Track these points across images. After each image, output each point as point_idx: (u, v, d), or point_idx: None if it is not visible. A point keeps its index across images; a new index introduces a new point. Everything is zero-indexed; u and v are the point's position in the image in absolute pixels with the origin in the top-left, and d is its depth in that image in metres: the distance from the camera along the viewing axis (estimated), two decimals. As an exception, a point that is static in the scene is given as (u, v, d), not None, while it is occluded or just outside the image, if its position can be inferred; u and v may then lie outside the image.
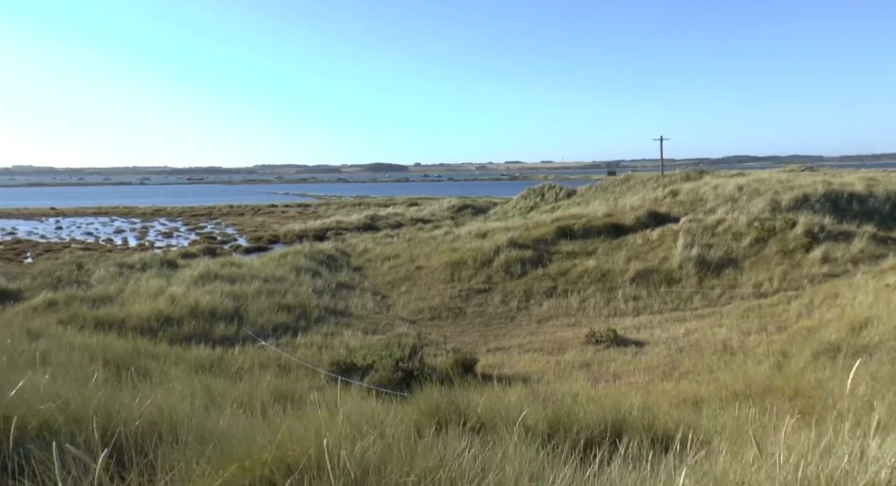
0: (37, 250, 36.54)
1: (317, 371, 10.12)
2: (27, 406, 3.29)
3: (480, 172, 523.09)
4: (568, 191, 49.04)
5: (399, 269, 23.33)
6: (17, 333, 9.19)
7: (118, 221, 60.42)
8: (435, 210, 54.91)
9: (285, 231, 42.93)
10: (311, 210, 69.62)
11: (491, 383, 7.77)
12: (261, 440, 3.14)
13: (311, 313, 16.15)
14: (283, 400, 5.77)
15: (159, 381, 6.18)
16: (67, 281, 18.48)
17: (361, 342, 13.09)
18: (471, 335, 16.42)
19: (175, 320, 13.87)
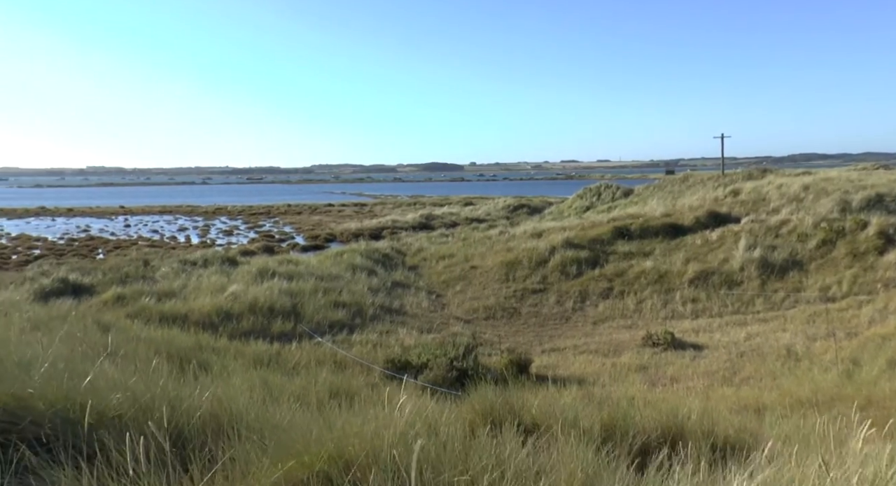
0: (107, 247, 38.15)
1: (372, 369, 10.24)
2: (100, 395, 3.43)
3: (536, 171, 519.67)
4: (625, 190, 48.24)
5: (454, 268, 23.38)
6: (89, 325, 9.61)
7: (181, 219, 62.50)
8: (490, 210, 54.83)
9: (341, 230, 43.57)
10: (367, 209, 70.48)
11: (545, 384, 7.72)
12: (317, 434, 3.19)
13: (366, 311, 16.34)
14: (338, 396, 5.86)
15: (219, 374, 6.34)
16: (135, 277, 19.18)
17: (416, 341, 13.18)
18: (525, 336, 16.33)
19: (235, 316, 14.24)
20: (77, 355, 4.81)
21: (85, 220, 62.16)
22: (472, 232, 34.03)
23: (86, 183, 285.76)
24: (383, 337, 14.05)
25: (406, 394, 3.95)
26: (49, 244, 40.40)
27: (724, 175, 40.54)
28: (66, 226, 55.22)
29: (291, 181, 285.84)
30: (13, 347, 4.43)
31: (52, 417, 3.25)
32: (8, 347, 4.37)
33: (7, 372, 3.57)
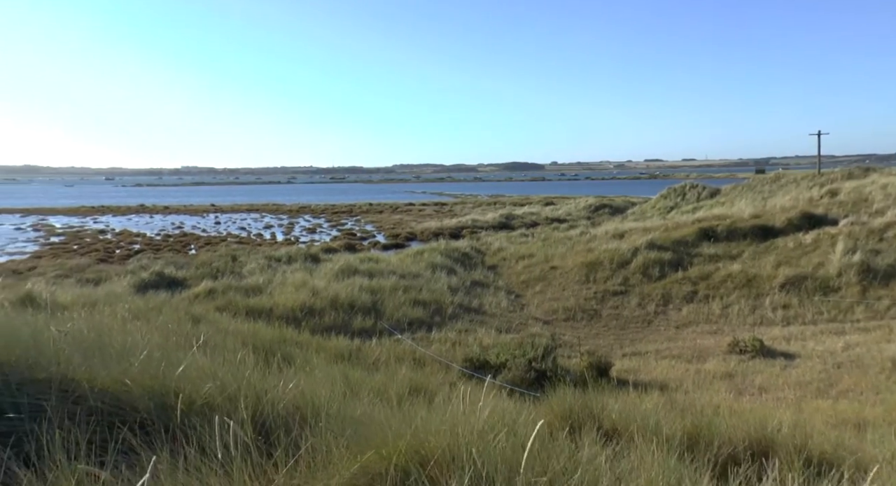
0: (199, 243, 40.02)
1: (450, 367, 10.29)
2: (191, 383, 3.60)
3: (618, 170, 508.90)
4: (711, 190, 46.50)
5: (533, 268, 23.19)
6: (182, 317, 10.12)
7: (267, 217, 64.78)
8: (571, 210, 54.09)
9: (422, 229, 44.02)
10: (448, 209, 70.92)
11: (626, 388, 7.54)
12: (396, 429, 3.23)
13: (445, 310, 16.44)
14: (417, 393, 5.92)
15: (302, 367, 6.53)
16: (223, 272, 20.01)
17: (495, 340, 13.15)
18: (605, 338, 16.01)
19: (317, 312, 14.61)
20: (171, 345, 5.06)
21: (179, 217, 65.49)
22: (552, 232, 33.68)
23: (180, 182, 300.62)
24: (462, 336, 14.10)
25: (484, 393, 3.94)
26: (147, 240, 42.78)
27: (821, 174, 38.41)
28: (163, 223, 58.33)
29: (373, 181, 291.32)
30: (116, 335, 4.71)
31: (149, 402, 3.44)
32: (112, 335, 4.65)
33: (111, 358, 3.81)
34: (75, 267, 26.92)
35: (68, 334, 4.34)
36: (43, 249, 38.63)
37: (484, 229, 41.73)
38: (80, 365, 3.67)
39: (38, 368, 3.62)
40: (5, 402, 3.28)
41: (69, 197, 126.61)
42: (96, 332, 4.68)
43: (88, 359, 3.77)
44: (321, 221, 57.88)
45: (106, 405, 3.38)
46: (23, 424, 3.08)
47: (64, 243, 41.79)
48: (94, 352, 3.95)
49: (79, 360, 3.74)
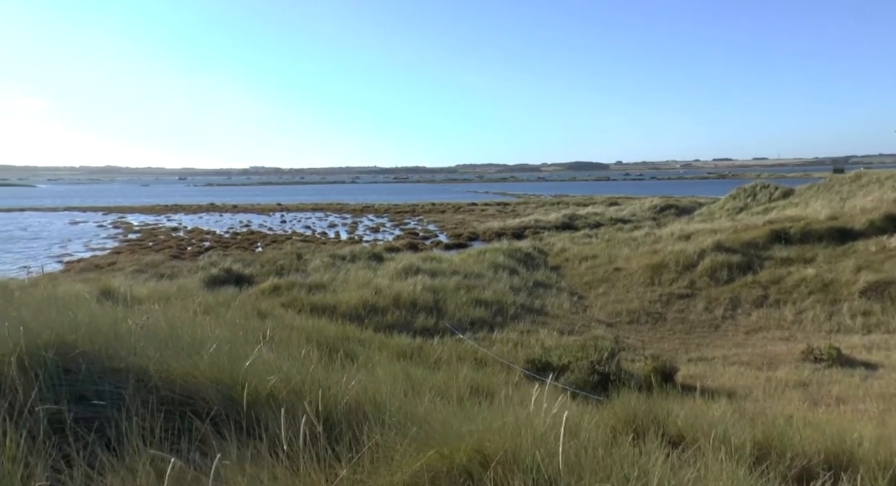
0: (265, 241, 41.11)
1: (512, 368, 10.23)
2: (257, 377, 3.69)
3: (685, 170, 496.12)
4: (784, 190, 44.68)
5: (597, 269, 22.84)
6: (249, 312, 10.41)
7: (332, 216, 65.99)
8: (635, 210, 53.03)
9: (484, 229, 43.97)
10: (510, 209, 70.62)
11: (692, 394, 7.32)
12: (457, 429, 3.24)
13: (507, 310, 16.37)
14: (478, 393, 5.91)
15: (364, 364, 6.61)
16: (289, 269, 20.47)
17: (557, 342, 13.01)
18: (671, 342, 15.62)
19: (380, 310, 14.77)
20: (239, 339, 5.20)
21: (247, 216, 67.46)
22: (616, 233, 33.10)
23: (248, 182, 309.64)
24: (524, 337, 14.00)
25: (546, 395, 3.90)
26: (217, 237, 44.23)
27: (908, 174, 36.38)
28: (231, 221, 60.19)
29: (436, 180, 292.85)
30: (187, 328, 4.87)
31: (217, 393, 3.54)
32: (183, 328, 4.82)
33: (182, 351, 3.94)
34: (150, 263, 28.09)
35: (144, 326, 4.52)
36: (121, 245, 40.49)
37: (547, 230, 41.36)
38: (155, 356, 3.81)
39: (116, 358, 3.79)
40: (89, 389, 3.45)
41: (145, 196, 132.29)
42: (169, 325, 4.85)
43: (162, 351, 3.91)
44: (384, 221, 58.55)
45: (178, 394, 3.50)
46: (104, 410, 3.23)
47: (140, 239, 43.68)
48: (167, 344, 4.10)
49: (153, 351, 3.89)
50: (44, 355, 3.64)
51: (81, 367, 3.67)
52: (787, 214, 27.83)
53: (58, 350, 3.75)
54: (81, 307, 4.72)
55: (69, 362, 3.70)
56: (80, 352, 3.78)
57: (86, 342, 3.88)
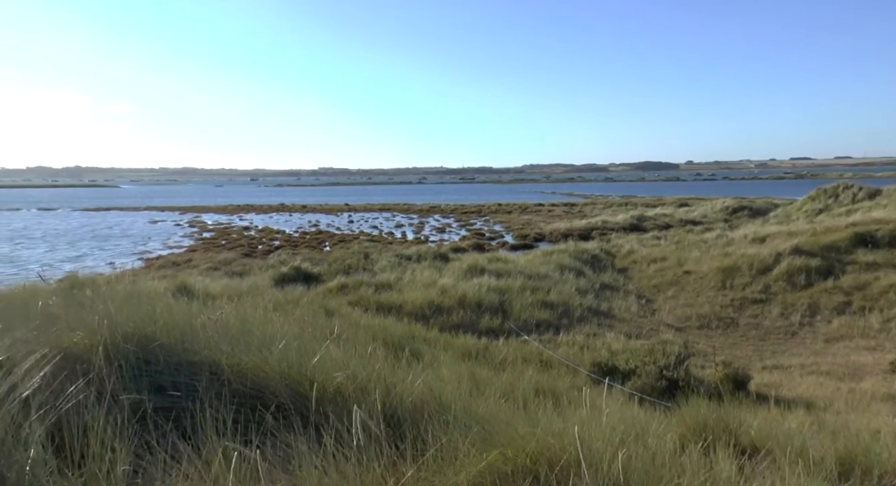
0: (333, 240, 41.92)
1: (577, 371, 10.10)
2: (325, 373, 3.76)
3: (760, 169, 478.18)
4: (869, 191, 42.38)
5: (665, 272, 22.28)
6: (317, 310, 10.62)
7: (398, 216, 66.69)
8: (706, 211, 51.44)
9: (550, 230, 43.57)
10: (577, 209, 69.72)
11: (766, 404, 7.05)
12: (522, 431, 3.21)
13: (573, 312, 16.17)
14: (543, 395, 5.85)
15: (430, 364, 6.65)
16: (356, 268, 20.78)
17: (624, 345, 12.76)
18: (743, 349, 15.07)
19: (445, 310, 14.82)
20: (307, 336, 5.31)
21: (316, 216, 68.97)
22: (686, 235, 32.21)
23: (317, 183, 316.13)
24: (590, 340, 13.79)
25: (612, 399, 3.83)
26: (286, 236, 45.38)
27: None
28: (300, 221, 61.65)
29: (503, 181, 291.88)
30: (258, 325, 5.02)
31: (286, 388, 3.63)
32: (254, 324, 4.96)
33: (253, 346, 4.06)
34: (223, 261, 29.09)
35: (217, 321, 4.68)
36: (196, 243, 42.08)
37: (614, 231, 40.64)
38: (227, 351, 3.94)
39: (192, 351, 3.94)
40: (166, 380, 3.60)
41: (219, 196, 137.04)
42: (241, 321, 5.00)
43: (234, 346, 4.04)
44: (450, 221, 58.79)
45: (249, 388, 3.61)
46: (180, 401, 3.37)
47: (214, 238, 45.28)
48: (239, 339, 4.23)
49: (225, 346, 4.03)
50: (126, 346, 3.83)
51: (159, 359, 3.84)
52: (874, 216, 26.40)
53: (138, 342, 3.93)
54: (160, 302, 4.93)
55: (148, 353, 3.87)
56: (158, 344, 3.95)
57: (163, 335, 4.05)
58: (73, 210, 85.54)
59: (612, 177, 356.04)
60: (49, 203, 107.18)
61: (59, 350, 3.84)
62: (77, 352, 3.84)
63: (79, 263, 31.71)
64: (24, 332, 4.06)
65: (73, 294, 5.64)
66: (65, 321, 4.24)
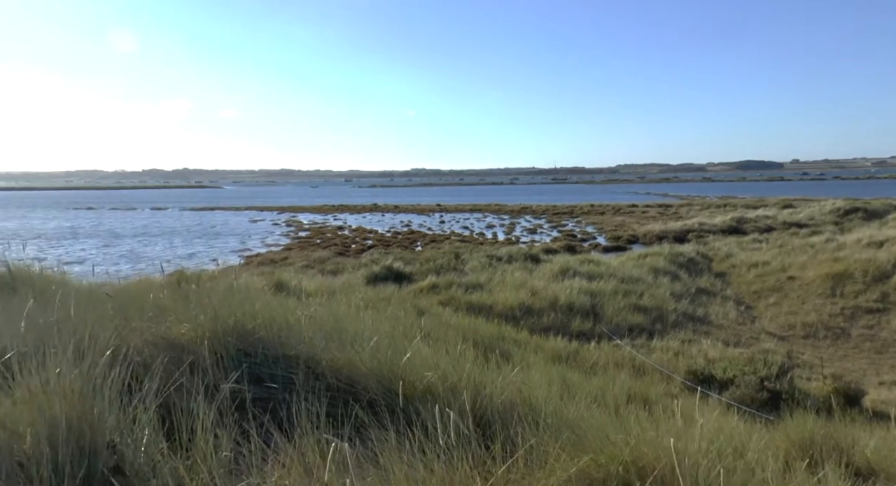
0: (424, 240, 42.43)
1: (672, 378, 9.76)
2: (415, 371, 3.80)
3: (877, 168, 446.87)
4: None
5: (767, 278, 21.20)
6: (408, 309, 10.78)
7: (489, 217, 66.69)
8: (814, 213, 48.52)
9: (644, 232, 42.41)
10: (672, 211, 67.47)
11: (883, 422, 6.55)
12: (613, 437, 3.13)
13: (667, 317, 15.66)
14: (635, 401, 5.70)
15: (519, 365, 6.59)
16: (447, 268, 20.95)
17: (721, 353, 12.23)
18: (856, 362, 14.11)
19: (535, 311, 14.70)
20: (398, 334, 5.39)
21: (408, 216, 70.02)
22: (790, 238, 30.54)
23: (409, 183, 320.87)
24: (685, 346, 13.31)
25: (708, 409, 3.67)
26: (379, 236, 46.32)
27: None
28: (393, 221, 62.76)
29: (595, 181, 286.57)
30: (350, 322, 5.14)
31: (377, 384, 3.69)
32: (347, 321, 5.08)
33: (346, 342, 4.16)
34: (318, 259, 30.02)
35: (312, 318, 4.83)
36: (293, 242, 43.65)
37: (711, 233, 39.04)
38: (321, 346, 4.06)
39: (288, 345, 4.08)
40: (264, 373, 3.75)
41: (314, 197, 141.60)
42: (334, 318, 5.14)
43: (327, 341, 4.15)
44: (542, 222, 58.27)
45: (342, 383, 3.70)
46: (277, 393, 3.50)
47: (309, 237, 46.82)
48: (332, 335, 4.34)
49: (320, 341, 4.15)
50: (228, 339, 4.01)
51: (257, 351, 4.00)
52: None
53: (238, 335, 4.11)
54: (258, 298, 5.13)
55: (247, 346, 4.04)
56: (257, 338, 4.12)
57: (261, 329, 4.21)
58: (181, 210, 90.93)
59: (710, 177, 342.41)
60: (160, 203, 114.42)
61: (168, 340, 4.08)
62: (183, 342, 4.07)
63: (193, 259, 33.61)
64: (138, 322, 4.34)
65: (181, 289, 5.96)
66: (173, 314, 4.50)
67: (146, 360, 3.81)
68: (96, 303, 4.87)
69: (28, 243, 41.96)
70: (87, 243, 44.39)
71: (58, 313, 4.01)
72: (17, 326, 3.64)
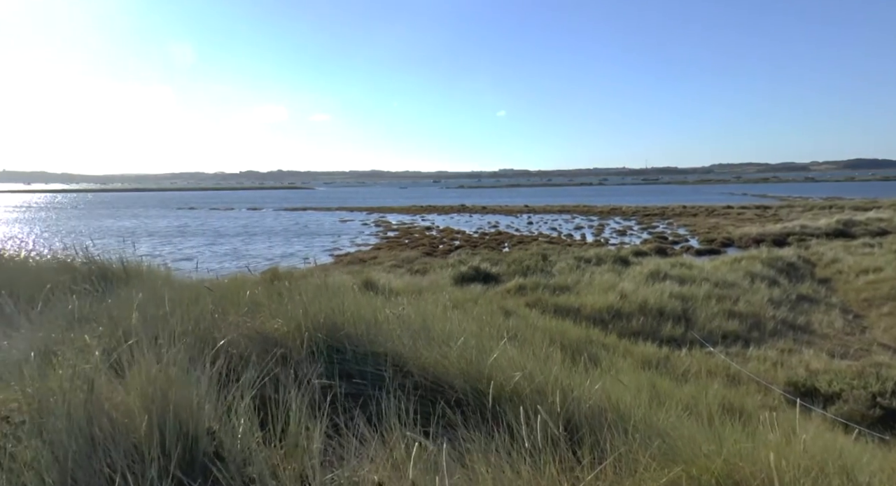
0: (512, 241, 42.26)
1: (770, 389, 9.29)
2: (501, 372, 3.79)
3: None
4: None
5: (879, 285, 19.81)
6: (494, 310, 10.78)
7: (578, 218, 65.70)
8: (936, 216, 45.01)
9: (740, 234, 40.61)
10: (771, 213, 64.26)
11: None
12: (706, 448, 3.02)
13: (765, 325, 14.92)
14: (730, 412, 5.46)
15: (607, 370, 6.46)
16: (534, 270, 20.78)
17: (826, 365, 11.54)
18: (980, 378, 12.97)
19: (624, 315, 14.35)
20: (484, 335, 5.39)
21: (495, 217, 69.99)
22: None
23: (497, 184, 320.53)
24: (784, 356, 12.64)
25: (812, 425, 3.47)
26: (466, 237, 46.50)
27: None
28: (480, 222, 62.86)
29: (688, 182, 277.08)
30: (437, 321, 5.18)
31: (464, 384, 3.71)
32: (434, 321, 5.13)
33: (433, 341, 4.20)
34: (405, 259, 30.47)
35: (400, 316, 4.90)
36: (381, 242, 44.49)
37: (815, 237, 36.89)
38: (409, 344, 4.11)
39: (376, 343, 4.16)
40: (353, 369, 3.84)
41: (403, 197, 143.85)
42: (421, 317, 5.20)
43: (415, 340, 4.21)
44: (631, 224, 56.90)
45: (429, 381, 3.74)
46: (366, 389, 3.58)
47: (397, 237, 47.59)
48: (420, 334, 4.39)
49: (407, 340, 4.21)
50: (318, 335, 4.13)
51: (347, 348, 4.10)
52: None
53: (328, 331, 4.23)
54: (347, 296, 5.25)
55: (337, 342, 4.15)
56: (346, 334, 4.22)
57: (351, 327, 4.32)
58: (275, 210, 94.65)
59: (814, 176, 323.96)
60: (256, 203, 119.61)
61: (262, 334, 4.25)
62: (276, 337, 4.22)
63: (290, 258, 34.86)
64: (234, 316, 4.55)
65: (274, 285, 6.20)
66: (267, 309, 4.68)
67: (241, 352, 3.98)
68: (197, 297, 5.14)
69: (143, 241, 45.04)
70: (194, 241, 46.99)
71: (164, 307, 4.26)
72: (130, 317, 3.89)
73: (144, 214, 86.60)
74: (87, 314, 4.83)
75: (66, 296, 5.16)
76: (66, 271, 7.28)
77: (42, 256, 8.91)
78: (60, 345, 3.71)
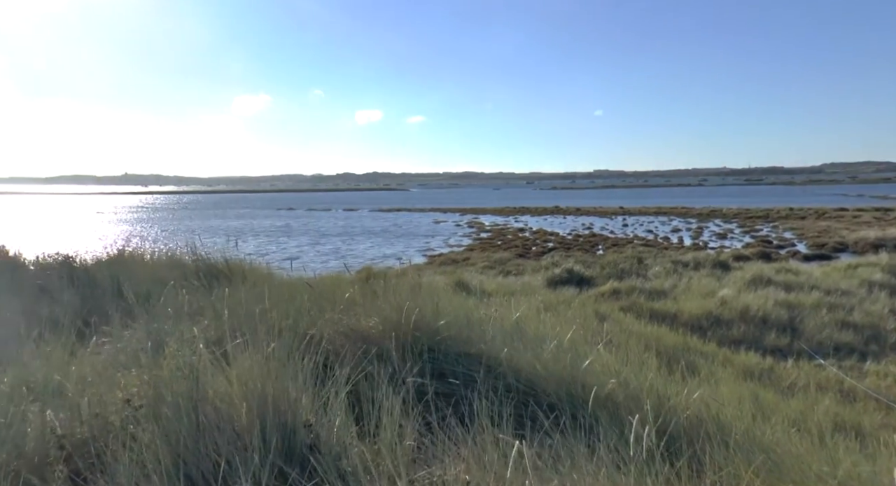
0: (606, 244, 41.41)
1: (891, 408, 8.64)
2: (595, 377, 3.72)
3: None
4: None
5: None
6: (588, 313, 10.58)
7: (675, 220, 63.51)
8: None
9: (855, 239, 38.00)
10: (893, 215, 59.77)
11: None
12: (816, 468, 2.84)
13: (885, 338, 13.86)
14: (843, 431, 5.11)
15: (706, 379, 6.20)
16: (629, 273, 20.26)
17: (957, 382, 10.61)
18: None
19: (724, 322, 13.73)
20: (578, 339, 5.30)
21: (589, 218, 68.79)
22: None
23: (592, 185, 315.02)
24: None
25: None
26: (559, 238, 45.94)
27: None
28: (574, 223, 61.97)
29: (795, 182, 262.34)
30: (530, 324, 5.14)
31: (557, 388, 3.65)
32: (527, 323, 5.09)
33: (526, 344, 4.17)
34: (498, 260, 30.45)
35: (492, 318, 4.89)
36: (474, 243, 44.66)
37: (944, 243, 34.04)
38: (501, 346, 4.10)
39: (469, 343, 4.17)
40: (446, 368, 3.87)
41: (496, 199, 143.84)
42: (514, 319, 5.17)
43: (507, 342, 4.19)
44: (732, 226, 54.48)
45: (521, 384, 3.71)
46: (458, 389, 3.59)
47: (490, 238, 47.63)
48: (513, 337, 4.37)
49: (500, 342, 4.19)
50: (412, 334, 4.19)
51: (440, 347, 4.13)
52: None
53: (421, 330, 4.28)
54: (441, 296, 5.29)
55: (430, 342, 4.20)
56: (438, 334, 4.26)
57: (444, 327, 4.35)
58: (370, 211, 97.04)
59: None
60: (352, 205, 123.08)
61: (357, 331, 4.35)
62: (371, 335, 4.31)
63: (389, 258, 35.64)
64: (331, 314, 4.68)
65: (368, 284, 6.34)
66: (362, 308, 4.79)
67: (336, 348, 4.10)
68: (295, 294, 5.33)
69: (249, 240, 47.39)
70: (298, 241, 48.91)
71: (265, 303, 4.44)
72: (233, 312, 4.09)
73: (249, 215, 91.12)
74: (195, 308, 5.12)
75: (176, 290, 5.49)
76: (177, 267, 7.75)
77: (156, 253, 9.54)
78: (170, 336, 3.95)
